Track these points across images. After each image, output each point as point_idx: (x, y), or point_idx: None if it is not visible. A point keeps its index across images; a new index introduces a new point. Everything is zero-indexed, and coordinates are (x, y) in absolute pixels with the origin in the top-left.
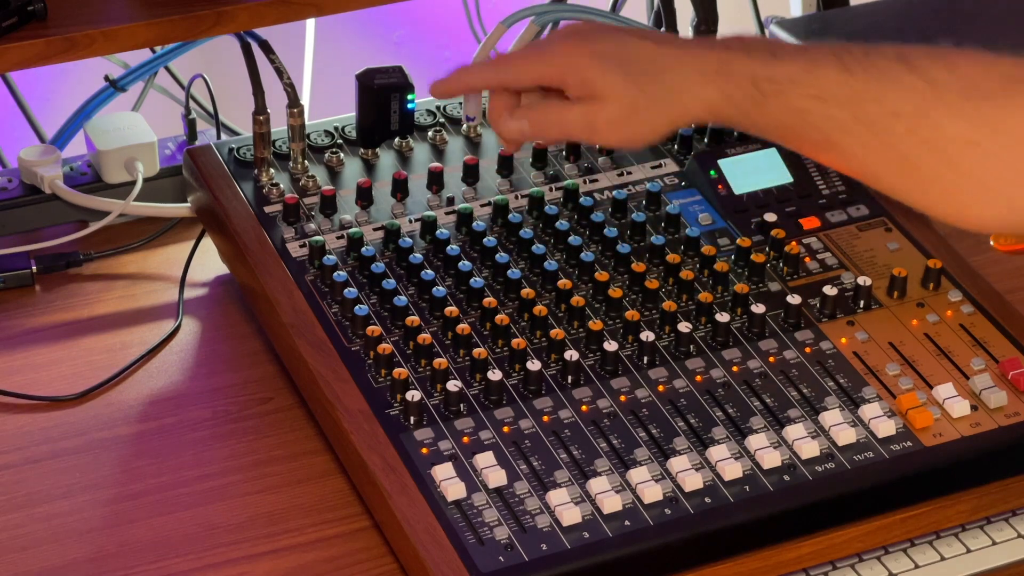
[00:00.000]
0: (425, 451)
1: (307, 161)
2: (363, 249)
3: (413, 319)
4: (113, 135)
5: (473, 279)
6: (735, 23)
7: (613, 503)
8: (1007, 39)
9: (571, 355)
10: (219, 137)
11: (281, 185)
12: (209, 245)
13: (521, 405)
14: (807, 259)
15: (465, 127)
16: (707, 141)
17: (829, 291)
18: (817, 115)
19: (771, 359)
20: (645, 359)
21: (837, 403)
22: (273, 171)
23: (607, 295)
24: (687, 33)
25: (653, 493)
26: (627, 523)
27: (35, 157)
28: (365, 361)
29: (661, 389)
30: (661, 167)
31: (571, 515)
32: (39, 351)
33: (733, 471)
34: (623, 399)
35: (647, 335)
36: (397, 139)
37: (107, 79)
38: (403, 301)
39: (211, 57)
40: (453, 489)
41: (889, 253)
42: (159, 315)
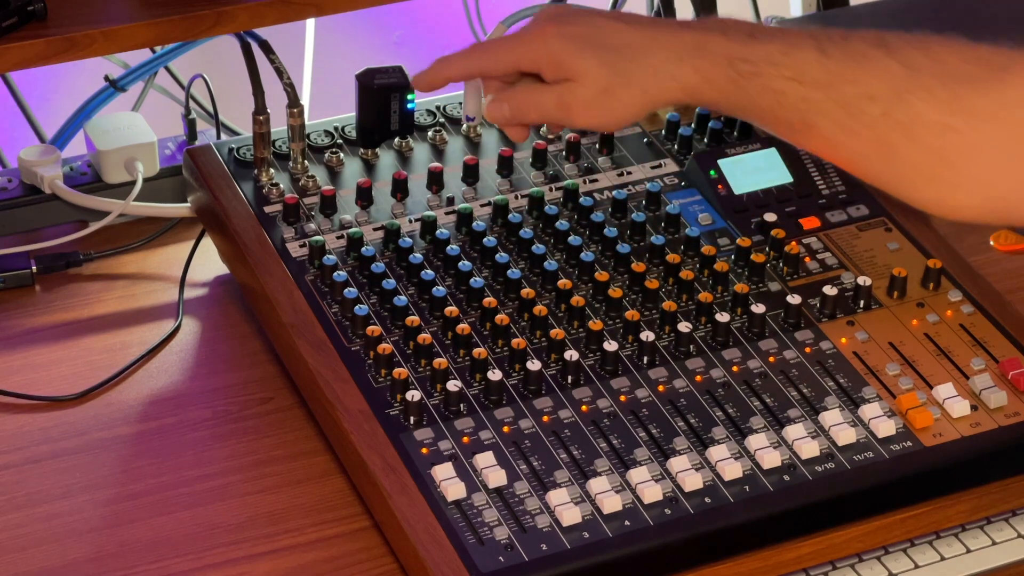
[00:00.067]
0: (425, 451)
1: (307, 161)
2: (363, 249)
3: (413, 319)
4: (113, 135)
5: (473, 279)
6: None
7: (613, 503)
8: (1007, 39)
9: (571, 355)
10: (219, 137)
11: (281, 185)
12: (209, 245)
13: (521, 405)
14: (807, 259)
15: (465, 127)
16: (707, 141)
17: (829, 291)
18: (794, 96)
19: (771, 359)
20: (645, 359)
21: (837, 403)
22: (273, 171)
23: (607, 295)
24: None
25: (653, 493)
26: (627, 523)
27: (35, 157)
28: (365, 361)
29: (661, 389)
30: (661, 167)
31: (571, 515)
32: (39, 351)
33: (733, 471)
34: (623, 399)
35: (647, 335)
36: (397, 139)
37: (107, 79)
38: (403, 301)
39: (211, 57)
40: (453, 489)
41: (889, 253)
42: (159, 315)
